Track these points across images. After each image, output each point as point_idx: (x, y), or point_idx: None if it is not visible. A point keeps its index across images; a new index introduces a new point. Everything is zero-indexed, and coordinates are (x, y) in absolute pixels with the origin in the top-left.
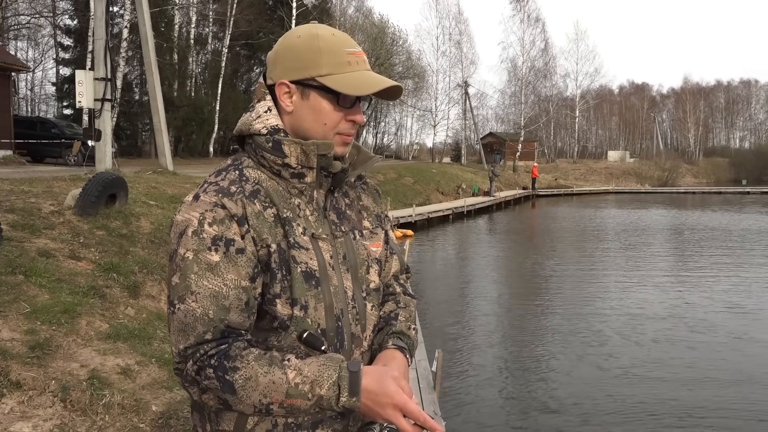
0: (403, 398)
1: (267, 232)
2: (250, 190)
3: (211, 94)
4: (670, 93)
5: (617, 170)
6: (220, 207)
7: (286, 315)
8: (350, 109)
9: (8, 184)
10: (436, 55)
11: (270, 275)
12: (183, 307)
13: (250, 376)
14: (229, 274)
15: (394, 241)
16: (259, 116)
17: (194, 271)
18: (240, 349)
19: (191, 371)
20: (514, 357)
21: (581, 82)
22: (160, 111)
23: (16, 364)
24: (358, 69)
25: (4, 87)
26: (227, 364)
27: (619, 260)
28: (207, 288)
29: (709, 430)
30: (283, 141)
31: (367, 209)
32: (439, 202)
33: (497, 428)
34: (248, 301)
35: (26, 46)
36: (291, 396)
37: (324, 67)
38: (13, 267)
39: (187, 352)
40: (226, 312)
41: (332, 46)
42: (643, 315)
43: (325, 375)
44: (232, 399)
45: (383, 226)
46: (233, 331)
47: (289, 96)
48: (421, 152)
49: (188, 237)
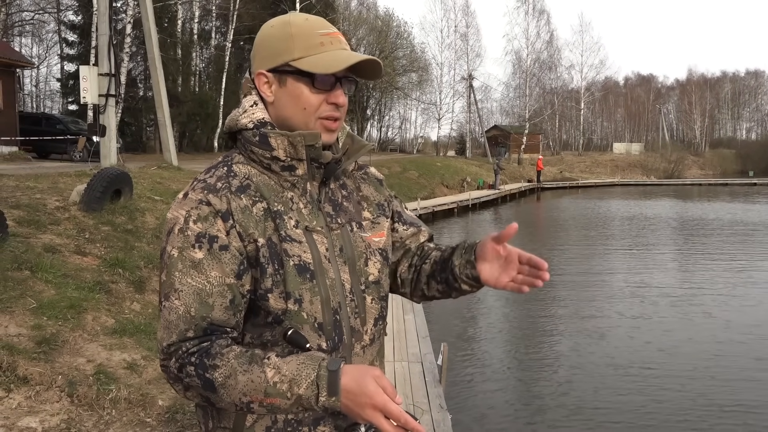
0: (383, 399)
1: (253, 226)
2: (237, 185)
3: (215, 89)
4: (676, 84)
5: (623, 162)
6: (205, 204)
7: (279, 309)
8: (330, 92)
9: (14, 180)
10: (440, 48)
11: (260, 270)
12: (167, 304)
13: (229, 374)
14: (213, 272)
15: (413, 216)
16: (245, 111)
17: (178, 268)
18: (222, 346)
19: (174, 369)
20: (519, 350)
21: (586, 74)
22: (164, 106)
23: (23, 359)
24: (332, 49)
25: (9, 83)
26: (208, 362)
27: (627, 252)
28: (190, 285)
29: (722, 428)
30: (269, 134)
31: (368, 199)
32: (444, 195)
33: (503, 421)
34: (233, 298)
35: (31, 42)
36: (270, 395)
37: (296, 51)
38: (19, 263)
39: (170, 349)
40: (209, 309)
41: (304, 30)
42: (652, 308)
43: (303, 374)
44: (214, 397)
45: (387, 214)
46: (217, 328)
47: (268, 86)
48: (425, 146)
49: (175, 234)
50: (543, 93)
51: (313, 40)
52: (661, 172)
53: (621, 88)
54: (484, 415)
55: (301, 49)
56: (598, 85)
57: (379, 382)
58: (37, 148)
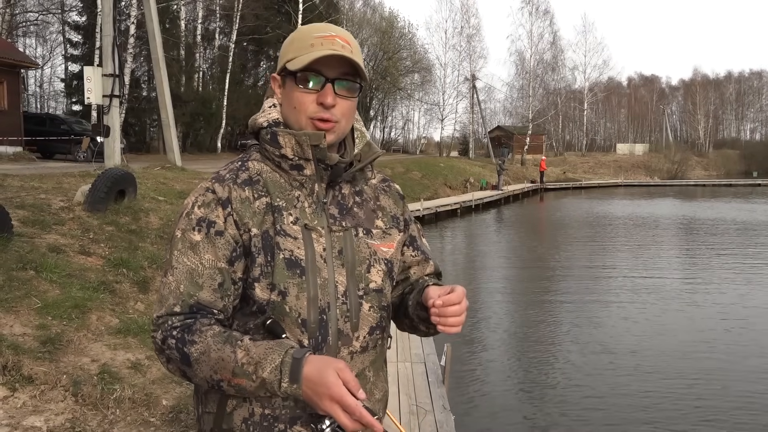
0: (340, 391)
1: (249, 217)
2: (245, 178)
3: (218, 89)
4: (680, 85)
5: (626, 163)
6: (210, 192)
7: (264, 299)
8: (320, 92)
9: (18, 180)
10: (445, 49)
11: (251, 259)
12: (164, 280)
13: (204, 350)
14: (207, 254)
15: (427, 246)
16: (263, 111)
17: (178, 248)
18: (203, 324)
19: (159, 340)
20: (523, 351)
21: (589, 74)
22: (168, 107)
23: (28, 358)
24: (320, 49)
25: (13, 84)
26: (187, 338)
27: (630, 253)
28: (185, 264)
29: (730, 427)
30: (278, 132)
31: (383, 209)
32: (447, 196)
33: (506, 422)
34: (223, 282)
35: (35, 43)
36: (237, 375)
37: (290, 53)
38: (24, 262)
39: (158, 321)
40: (198, 289)
41: (303, 34)
42: (657, 310)
43: (269, 358)
44: (189, 371)
45: (400, 228)
46: (202, 307)
47: (279, 88)
48: (428, 146)
49: (182, 218)
50: (546, 94)
51: (306, 43)
52: (664, 172)
53: (624, 88)
54: (487, 416)
55: (294, 51)
56: (602, 85)
57: (341, 374)
58: (41, 149)
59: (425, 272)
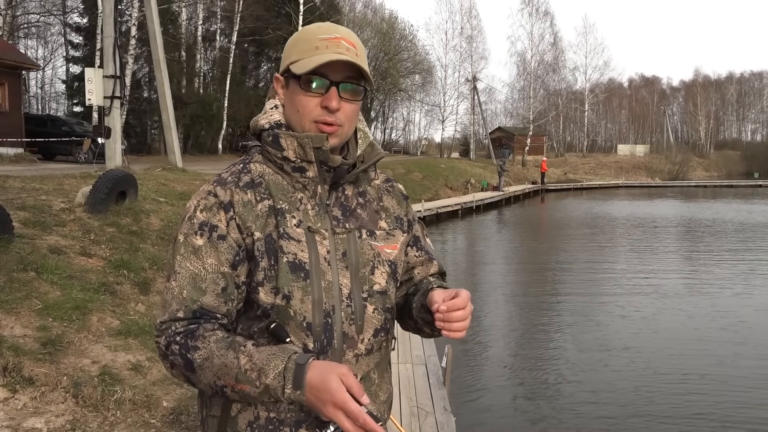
0: (343, 397)
1: (252, 220)
2: (247, 181)
3: (219, 90)
4: (681, 86)
5: (627, 164)
6: (212, 195)
7: (268, 303)
8: (325, 95)
9: (19, 181)
10: (445, 50)
11: (254, 263)
12: (167, 285)
13: (207, 356)
14: (209, 259)
15: (431, 246)
16: (265, 113)
17: (181, 252)
18: (206, 330)
19: (162, 346)
20: (524, 352)
21: (590, 75)
22: (168, 108)
23: (28, 360)
24: (325, 52)
25: (14, 85)
26: (190, 343)
27: (631, 254)
28: (187, 269)
29: (725, 423)
30: (280, 134)
31: (387, 210)
32: (448, 197)
33: (507, 423)
34: (226, 286)
35: (36, 44)
36: (240, 381)
37: (294, 55)
38: (25, 264)
39: (161, 326)
40: (201, 294)
41: (307, 35)
42: (658, 311)
43: (272, 364)
44: (193, 377)
45: (404, 229)
46: (206, 312)
47: (282, 89)
48: (429, 147)
49: (185, 222)
50: (547, 95)
51: (310, 44)
52: (665, 173)
53: (625, 89)
54: (488, 417)
55: (298, 52)
56: (602, 86)
57: (345, 380)
58: (42, 150)
59: (429, 272)
